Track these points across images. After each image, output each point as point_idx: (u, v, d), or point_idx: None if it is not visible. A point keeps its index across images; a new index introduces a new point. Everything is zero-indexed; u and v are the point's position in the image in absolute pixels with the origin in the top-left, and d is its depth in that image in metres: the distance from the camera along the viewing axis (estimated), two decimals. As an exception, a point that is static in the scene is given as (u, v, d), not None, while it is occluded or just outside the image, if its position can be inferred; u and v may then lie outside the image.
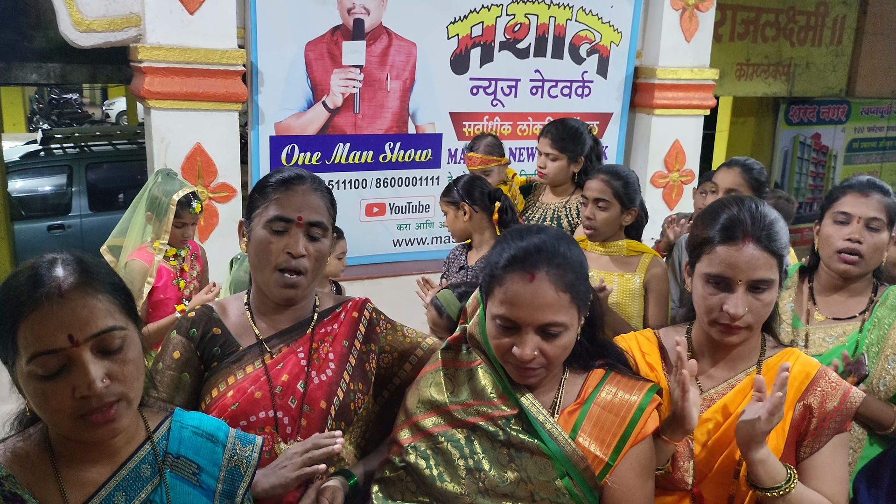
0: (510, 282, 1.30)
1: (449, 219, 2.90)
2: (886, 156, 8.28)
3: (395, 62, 4.08)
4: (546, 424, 1.34)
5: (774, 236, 1.43)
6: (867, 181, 1.96)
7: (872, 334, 1.91)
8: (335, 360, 1.55)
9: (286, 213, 1.49)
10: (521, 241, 1.33)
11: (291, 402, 1.49)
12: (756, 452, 1.35)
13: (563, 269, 1.30)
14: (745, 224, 1.43)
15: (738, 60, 6.49)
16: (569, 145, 3.09)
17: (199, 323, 1.55)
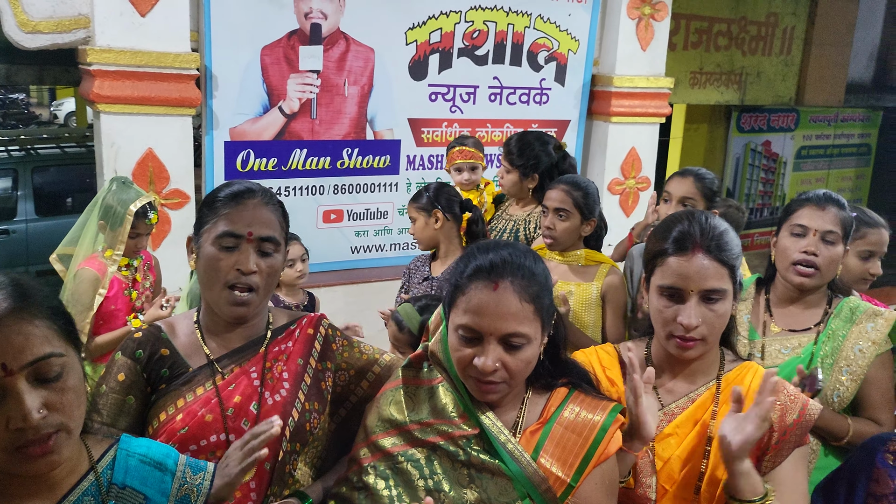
0: (474, 290, 1.28)
1: (418, 226, 2.83)
2: (833, 163, 8.53)
3: (353, 68, 4.04)
4: (507, 444, 1.32)
5: (724, 246, 1.44)
6: (824, 195, 1.99)
7: (827, 346, 1.94)
8: (290, 380, 1.51)
9: (236, 229, 1.44)
10: (488, 254, 1.31)
11: (244, 425, 1.44)
12: (741, 464, 1.34)
13: (528, 281, 1.29)
14: (694, 235, 1.44)
15: (692, 69, 6.60)
16: (518, 160, 3.08)
17: (145, 344, 1.48)
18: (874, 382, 1.92)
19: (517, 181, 3.10)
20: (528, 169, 3.08)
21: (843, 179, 8.67)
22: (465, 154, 3.50)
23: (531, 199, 3.14)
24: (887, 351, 1.93)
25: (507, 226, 3.17)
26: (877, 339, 1.91)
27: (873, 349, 1.90)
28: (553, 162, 3.14)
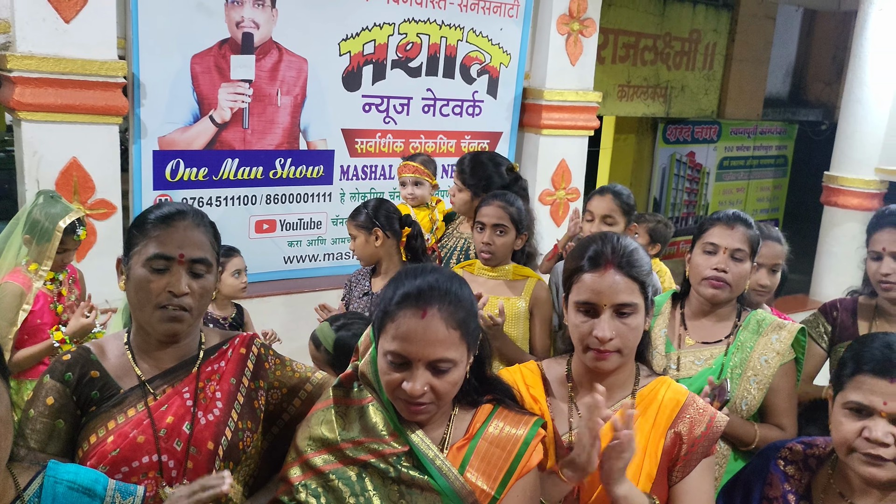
0: (402, 318, 1.33)
1: (358, 243, 2.84)
2: (753, 173, 8.92)
3: (286, 77, 4.03)
4: (436, 461, 1.37)
5: (634, 263, 1.53)
6: (733, 215, 2.11)
7: (736, 357, 2.06)
8: (223, 399, 1.52)
9: (167, 251, 1.45)
10: (415, 279, 1.36)
11: (177, 445, 1.45)
12: (618, 488, 1.41)
13: (455, 307, 1.34)
14: (607, 254, 1.52)
15: (620, 82, 6.82)
16: (470, 180, 3.12)
17: (74, 366, 1.47)
18: (779, 391, 2.05)
19: (468, 200, 3.15)
20: (480, 189, 3.11)
21: (762, 189, 9.07)
22: (409, 168, 3.55)
23: None
24: (790, 361, 2.06)
25: (457, 244, 3.23)
26: (781, 349, 2.04)
27: (778, 359, 2.03)
28: (505, 183, 3.16)
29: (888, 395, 1.37)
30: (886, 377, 1.38)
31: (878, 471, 1.39)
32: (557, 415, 1.60)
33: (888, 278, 2.24)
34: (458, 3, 4.48)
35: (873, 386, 1.39)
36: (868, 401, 1.39)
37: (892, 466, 1.38)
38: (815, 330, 2.46)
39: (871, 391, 1.39)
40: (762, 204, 9.12)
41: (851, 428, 1.41)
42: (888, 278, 2.24)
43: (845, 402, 1.44)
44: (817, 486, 1.54)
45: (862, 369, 1.42)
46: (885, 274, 2.25)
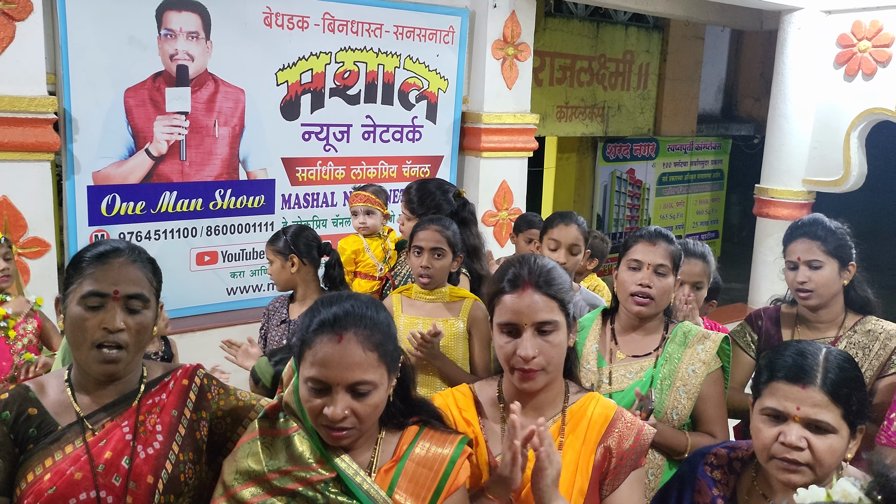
0: (319, 344, 1.35)
1: (275, 268, 2.87)
2: (691, 188, 9.18)
3: (223, 108, 4.03)
4: (363, 485, 1.38)
5: (552, 282, 1.57)
6: (655, 231, 2.19)
7: (665, 369, 2.12)
8: (163, 432, 1.52)
9: (101, 288, 1.46)
10: (331, 307, 1.39)
11: (115, 480, 1.44)
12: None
13: (371, 331, 1.37)
14: (524, 274, 1.57)
15: (558, 103, 6.97)
16: (419, 209, 3.13)
17: (12, 404, 1.46)
18: (707, 399, 2.11)
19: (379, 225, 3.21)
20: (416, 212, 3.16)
21: (700, 203, 9.33)
22: (360, 198, 3.56)
23: None
24: (717, 370, 2.13)
25: (410, 272, 3.24)
26: (706, 359, 2.11)
27: (704, 369, 2.10)
28: (453, 209, 3.18)
29: (801, 401, 1.44)
30: (798, 383, 1.45)
31: (795, 476, 1.44)
32: (491, 436, 1.63)
33: (804, 286, 2.34)
34: (393, 31, 4.54)
35: (787, 392, 1.45)
36: (782, 406, 1.45)
37: (807, 471, 1.44)
38: (743, 339, 2.55)
39: (784, 397, 1.45)
40: (701, 217, 9.38)
41: (769, 434, 1.47)
42: (804, 286, 2.34)
43: (762, 408, 1.49)
44: (742, 488, 1.60)
45: (776, 376, 1.48)
46: (801, 282, 2.35)
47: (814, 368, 1.44)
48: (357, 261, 3.49)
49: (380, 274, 3.38)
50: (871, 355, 2.29)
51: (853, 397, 1.45)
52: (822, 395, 1.43)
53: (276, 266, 2.86)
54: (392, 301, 2.70)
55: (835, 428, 1.42)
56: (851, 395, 1.45)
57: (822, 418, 1.42)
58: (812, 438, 1.42)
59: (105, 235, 3.73)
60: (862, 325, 2.35)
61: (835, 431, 1.43)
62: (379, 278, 3.37)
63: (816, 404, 1.42)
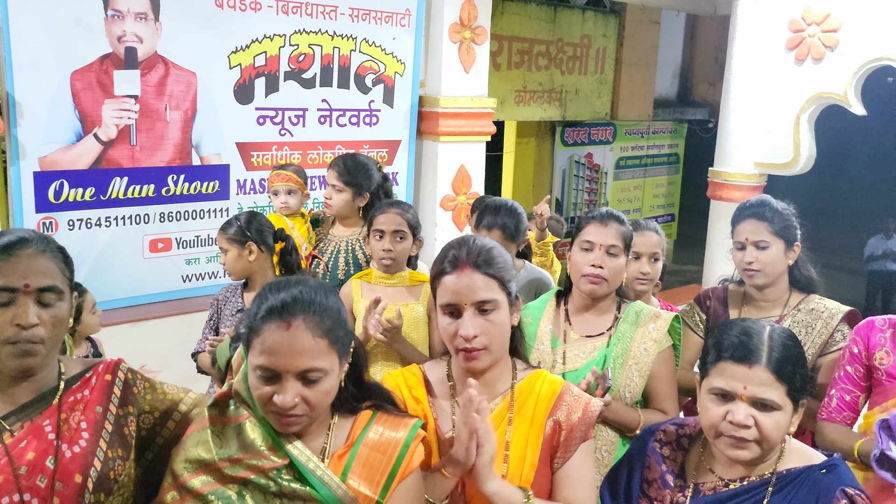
0: (268, 331, 1.33)
1: (231, 257, 2.76)
2: (648, 171, 9.31)
3: (175, 92, 3.94)
4: (316, 471, 1.38)
5: (491, 261, 1.58)
6: (606, 212, 2.22)
7: (617, 347, 2.16)
8: (89, 429, 1.46)
9: (10, 283, 1.37)
10: (279, 293, 1.37)
11: (40, 482, 1.38)
12: (488, 485, 1.46)
13: (321, 317, 1.35)
14: (462, 255, 1.58)
15: (517, 87, 6.99)
16: (354, 179, 3.15)
17: None
18: (659, 377, 2.16)
19: (350, 200, 3.16)
20: (362, 188, 3.16)
21: (657, 186, 9.47)
22: (281, 177, 3.48)
23: (358, 218, 3.22)
24: (668, 348, 2.18)
25: (338, 246, 3.21)
26: (657, 337, 2.15)
27: (655, 347, 2.14)
28: (379, 183, 3.25)
29: (747, 380, 1.47)
30: (745, 363, 1.48)
31: (742, 452, 1.49)
32: (440, 413, 1.65)
33: (752, 266, 2.40)
34: (349, 14, 4.50)
35: (734, 372, 1.49)
36: (730, 386, 1.49)
37: (754, 447, 1.48)
38: (692, 319, 2.60)
39: (731, 377, 1.49)
40: (658, 200, 9.52)
41: (717, 412, 1.51)
42: (752, 266, 2.40)
43: (710, 388, 1.53)
44: (690, 463, 1.64)
45: (722, 357, 1.52)
46: (748, 262, 2.40)
47: (759, 348, 1.48)
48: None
49: (305, 254, 3.33)
50: (814, 333, 2.36)
51: (796, 374, 1.49)
52: (768, 374, 1.47)
53: (231, 255, 2.76)
54: (351, 287, 2.69)
55: (779, 405, 1.47)
56: (795, 372, 1.49)
57: (767, 397, 1.46)
58: (758, 416, 1.47)
59: (53, 223, 3.64)
60: (806, 303, 2.42)
61: (780, 408, 1.47)
62: (305, 258, 3.33)
63: (762, 383, 1.46)
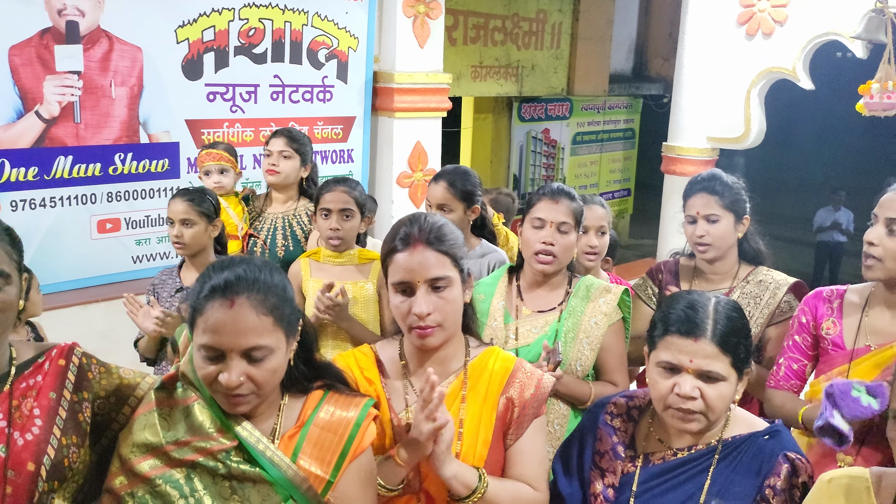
0: (211, 310, 1.31)
1: (197, 231, 2.69)
2: (605, 147, 9.38)
3: (120, 68, 3.82)
4: (266, 452, 1.37)
5: (443, 237, 1.58)
6: (557, 188, 2.22)
7: (569, 322, 2.18)
8: (42, 416, 1.43)
9: None
10: (223, 272, 1.35)
11: None
12: (446, 469, 1.47)
13: (265, 295, 1.33)
14: (414, 232, 1.57)
15: (473, 63, 6.95)
16: (302, 147, 3.17)
17: None
18: (609, 350, 2.19)
19: (297, 168, 3.16)
20: (307, 157, 3.16)
21: (613, 161, 9.56)
22: (213, 156, 3.38)
23: (295, 192, 3.20)
24: (618, 321, 2.21)
25: (274, 223, 3.18)
26: (607, 311, 2.18)
27: (606, 320, 2.17)
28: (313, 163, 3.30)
29: (693, 354, 1.50)
30: (690, 336, 1.51)
31: (690, 425, 1.52)
32: (393, 394, 1.64)
33: (703, 240, 2.43)
34: (300, -13, 4.40)
35: (680, 346, 1.51)
36: (676, 359, 1.51)
37: (701, 418, 1.52)
38: (644, 292, 2.63)
39: (678, 350, 1.51)
40: (614, 175, 9.61)
41: (665, 385, 1.53)
42: (703, 240, 2.43)
43: (658, 361, 1.55)
44: (640, 434, 1.67)
45: (669, 330, 1.54)
46: (699, 236, 2.43)
47: (704, 321, 1.51)
48: None
49: (241, 233, 3.28)
50: (763, 304, 2.41)
51: (741, 345, 1.52)
52: (713, 346, 1.49)
53: (199, 228, 2.69)
54: (300, 265, 2.66)
55: (724, 376, 1.50)
56: (739, 343, 1.52)
57: (713, 369, 1.49)
58: (704, 388, 1.49)
59: (-6, 204, 3.51)
60: (754, 275, 2.47)
61: (724, 379, 1.50)
62: (241, 237, 3.28)
63: (708, 356, 1.49)
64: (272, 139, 3.21)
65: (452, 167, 2.89)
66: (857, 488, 1.40)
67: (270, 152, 3.19)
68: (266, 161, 3.21)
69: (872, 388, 1.82)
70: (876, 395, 1.81)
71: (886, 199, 1.99)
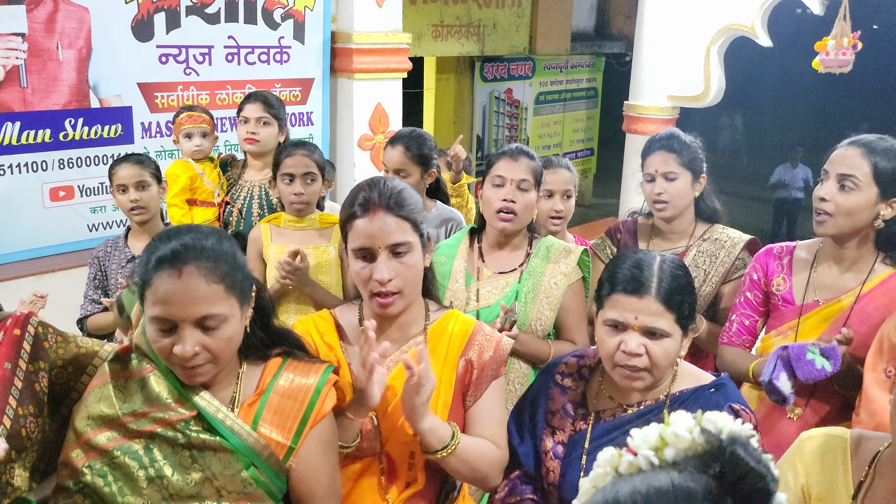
0: (159, 281, 1.29)
1: (152, 194, 2.67)
2: (567, 106, 9.37)
3: (66, 29, 3.69)
4: (226, 420, 1.37)
5: (403, 202, 1.56)
6: (517, 148, 2.22)
7: (529, 283, 2.20)
8: None
9: None
10: (170, 242, 1.32)
11: None
12: (423, 423, 1.48)
13: (214, 262, 1.32)
14: (374, 198, 1.55)
15: (434, 22, 6.85)
16: (279, 112, 3.09)
17: None
18: (568, 309, 2.22)
19: (276, 134, 3.09)
20: (284, 122, 3.11)
21: (576, 121, 9.56)
22: (193, 119, 3.26)
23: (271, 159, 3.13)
24: (577, 280, 2.23)
25: (251, 191, 3.11)
26: (567, 271, 2.20)
27: (565, 280, 2.19)
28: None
29: (638, 311, 1.52)
30: (636, 294, 1.53)
31: (636, 383, 1.55)
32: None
33: (661, 198, 2.46)
34: (252, -56, 4.27)
35: (626, 303, 1.53)
36: (622, 317, 1.54)
37: (647, 375, 1.54)
38: (603, 252, 2.66)
39: (624, 308, 1.53)
40: (578, 135, 9.63)
41: (612, 343, 1.55)
42: (661, 198, 2.46)
43: (605, 319, 1.58)
44: (591, 392, 1.70)
45: (615, 289, 1.56)
46: (658, 194, 2.46)
47: (649, 279, 1.53)
48: (193, 188, 3.20)
49: (217, 200, 3.22)
50: (718, 262, 2.46)
51: (685, 302, 1.55)
52: (657, 303, 1.51)
53: (153, 191, 2.67)
54: (260, 231, 2.63)
55: (669, 332, 1.53)
56: (683, 300, 1.55)
57: (657, 325, 1.52)
58: (649, 344, 1.52)
59: (-61, 173, 3.40)
60: (710, 233, 2.51)
61: (669, 336, 1.53)
62: (217, 204, 3.22)
63: (652, 313, 1.51)
64: (247, 105, 3.07)
65: (408, 131, 2.87)
66: (834, 447, 1.45)
67: (247, 119, 3.06)
68: (243, 128, 3.08)
69: (826, 350, 1.88)
70: (829, 356, 1.87)
71: (837, 156, 2.02)
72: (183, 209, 3.16)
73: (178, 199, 3.15)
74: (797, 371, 1.88)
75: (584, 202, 9.28)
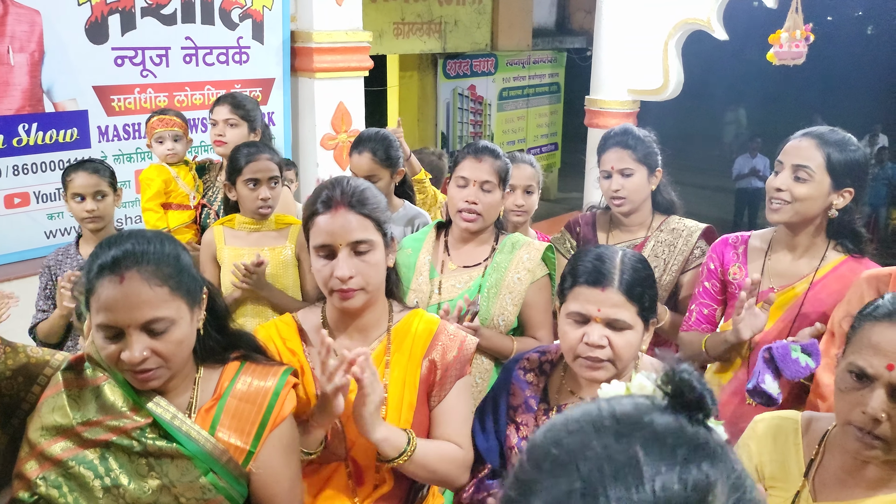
0: (101, 288, 1.28)
1: (109, 202, 2.64)
2: (531, 102, 9.42)
3: (17, 33, 3.61)
4: (182, 427, 1.35)
5: (365, 201, 1.57)
6: (482, 147, 2.23)
7: (492, 277, 2.21)
8: None
9: None
10: (111, 249, 1.31)
11: None
12: (375, 433, 1.48)
13: (156, 265, 1.30)
14: (336, 195, 1.55)
15: (395, 20, 6.83)
16: (248, 114, 3.07)
17: None
18: (533, 305, 2.23)
19: (245, 136, 3.07)
20: (256, 123, 3.09)
21: (540, 116, 9.62)
22: (166, 122, 3.24)
23: None
24: (543, 277, 2.24)
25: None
26: (531, 267, 2.21)
27: (529, 276, 2.21)
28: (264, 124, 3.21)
29: (601, 303, 1.54)
30: (598, 286, 1.55)
31: (598, 373, 1.56)
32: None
33: (618, 194, 2.49)
34: (207, -57, 4.22)
35: (588, 296, 1.55)
36: (585, 309, 1.55)
37: (609, 366, 1.55)
38: (563, 246, 2.68)
39: (586, 300, 1.55)
40: (541, 129, 9.69)
41: (574, 335, 1.57)
42: (618, 194, 2.49)
43: (567, 312, 1.59)
44: (552, 386, 1.72)
45: (578, 282, 1.57)
46: (615, 190, 2.49)
47: (611, 272, 1.55)
48: (168, 191, 3.20)
49: (193, 203, 3.19)
50: (676, 251, 2.49)
51: (646, 295, 1.57)
52: (619, 295, 1.53)
53: (109, 200, 2.64)
54: (213, 234, 2.60)
55: (631, 324, 1.54)
56: (644, 293, 1.57)
57: (619, 317, 1.53)
58: (612, 336, 1.54)
59: None
60: (667, 224, 2.54)
61: (631, 328, 1.55)
62: (193, 207, 3.19)
63: (615, 304, 1.53)
64: (216, 107, 3.07)
65: (371, 133, 2.87)
66: (786, 428, 1.49)
67: (216, 121, 3.06)
68: (212, 131, 3.08)
69: (806, 346, 1.91)
70: (810, 353, 1.90)
71: (791, 147, 2.07)
72: (158, 213, 3.15)
73: (153, 203, 3.13)
74: (784, 371, 1.89)
75: (549, 197, 9.35)
